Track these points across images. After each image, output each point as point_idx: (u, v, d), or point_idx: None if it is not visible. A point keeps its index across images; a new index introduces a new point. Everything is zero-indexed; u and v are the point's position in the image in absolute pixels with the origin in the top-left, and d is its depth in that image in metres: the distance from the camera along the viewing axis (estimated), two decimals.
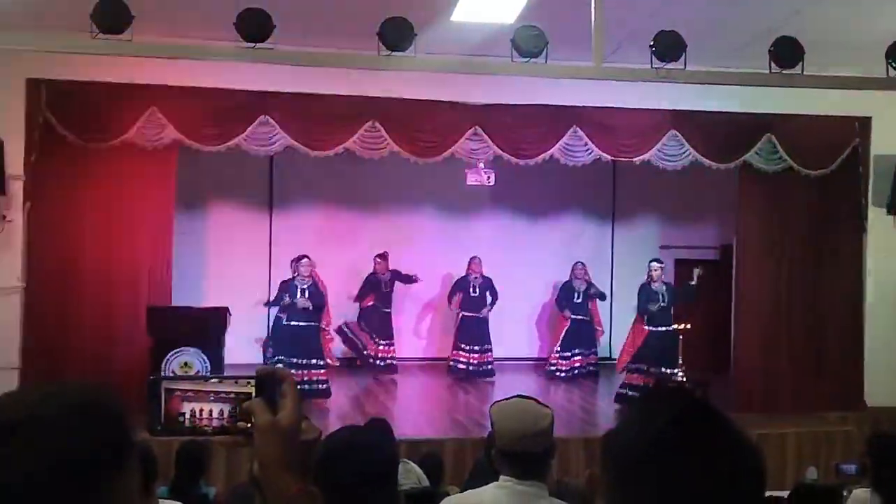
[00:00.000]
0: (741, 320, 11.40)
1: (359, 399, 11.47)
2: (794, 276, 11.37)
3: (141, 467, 1.39)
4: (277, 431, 1.50)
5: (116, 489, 1.27)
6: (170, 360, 9.59)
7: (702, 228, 14.25)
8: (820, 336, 11.42)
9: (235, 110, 10.09)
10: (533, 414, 3.15)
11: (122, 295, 10.13)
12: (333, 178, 13.09)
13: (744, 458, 1.30)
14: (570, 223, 14.53)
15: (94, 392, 1.34)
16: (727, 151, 11.02)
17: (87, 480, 1.23)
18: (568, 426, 9.79)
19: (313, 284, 11.06)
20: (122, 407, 1.35)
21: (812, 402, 11.12)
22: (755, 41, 8.32)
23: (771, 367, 11.25)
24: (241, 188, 13.37)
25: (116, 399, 1.37)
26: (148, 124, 9.90)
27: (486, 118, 10.61)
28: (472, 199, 13.78)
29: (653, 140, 10.88)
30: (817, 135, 11.05)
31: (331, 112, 10.30)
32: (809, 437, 10.04)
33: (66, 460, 1.22)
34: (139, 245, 10.24)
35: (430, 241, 13.72)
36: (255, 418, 1.51)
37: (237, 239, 13.31)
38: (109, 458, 1.28)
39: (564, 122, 10.74)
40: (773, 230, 11.35)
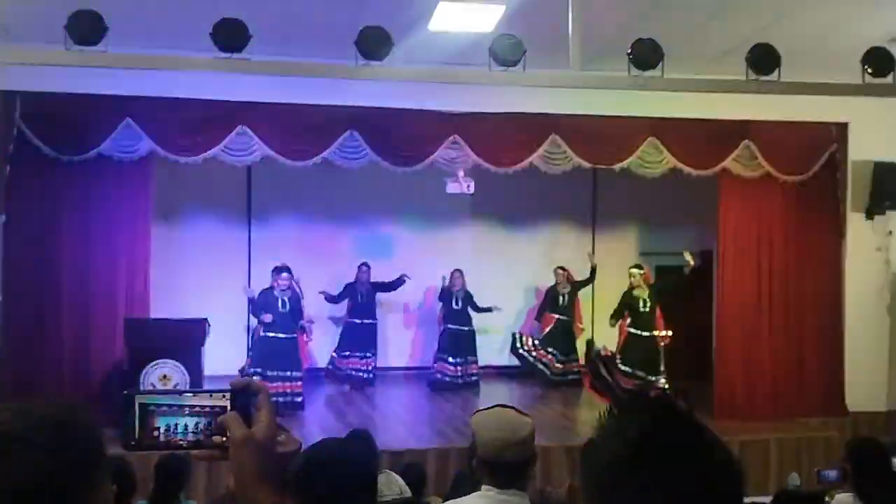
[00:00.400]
0: (722, 326, 11.45)
1: (341, 409, 11.44)
2: (774, 282, 11.44)
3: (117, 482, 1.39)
4: (252, 444, 1.50)
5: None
6: (148, 372, 9.53)
7: (682, 234, 14.24)
8: (800, 341, 11.49)
9: (212, 121, 10.07)
10: (513, 423, 3.16)
11: (100, 307, 10.07)
12: (312, 189, 13.06)
13: (722, 465, 1.31)
14: (551, 230, 14.57)
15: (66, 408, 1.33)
16: (706, 158, 11.09)
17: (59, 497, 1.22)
18: (550, 435, 9.79)
19: (294, 296, 11.07)
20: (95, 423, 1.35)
21: (793, 407, 11.19)
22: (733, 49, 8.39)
23: (752, 373, 11.31)
24: (219, 199, 13.32)
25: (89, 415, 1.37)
26: (123, 136, 9.88)
27: (465, 127, 10.63)
28: (451, 208, 13.78)
29: (632, 147, 10.93)
30: (795, 141, 11.15)
31: (309, 122, 10.29)
32: (791, 443, 10.09)
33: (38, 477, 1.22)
34: (116, 257, 10.18)
35: (410, 251, 13.70)
36: (230, 432, 1.51)
37: (215, 250, 13.25)
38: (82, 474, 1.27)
39: (543, 131, 10.77)
40: (753, 236, 11.42)
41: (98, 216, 10.09)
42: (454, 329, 12.82)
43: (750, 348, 11.35)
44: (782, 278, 11.45)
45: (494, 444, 3.11)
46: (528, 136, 10.84)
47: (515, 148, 10.88)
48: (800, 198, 11.38)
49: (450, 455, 8.87)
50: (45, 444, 1.24)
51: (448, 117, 10.55)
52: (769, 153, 11.09)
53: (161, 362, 9.59)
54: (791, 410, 11.15)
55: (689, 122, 10.77)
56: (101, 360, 9.94)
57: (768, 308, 11.42)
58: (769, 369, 11.36)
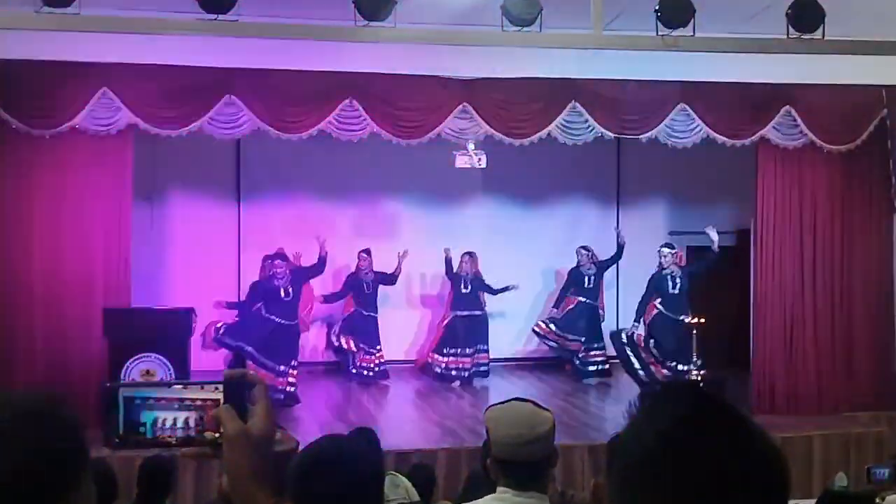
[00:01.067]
0: (761, 312, 11.43)
1: (342, 406, 11.49)
2: (818, 263, 11.41)
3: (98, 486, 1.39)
4: (248, 441, 1.50)
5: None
6: (129, 367, 9.58)
7: (716, 211, 14.23)
8: (848, 328, 11.47)
9: (196, 90, 10.06)
10: (531, 418, 3.16)
11: (76, 297, 10.09)
12: (307, 164, 13.07)
13: (763, 461, 1.28)
14: (571, 208, 14.55)
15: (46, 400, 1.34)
16: (742, 126, 11.05)
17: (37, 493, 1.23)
18: (572, 432, 9.81)
19: (293, 280, 11.14)
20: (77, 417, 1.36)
21: (840, 401, 11.19)
22: (771, 4, 8.34)
23: (794, 364, 11.30)
24: (205, 176, 13.34)
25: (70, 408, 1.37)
26: (99, 107, 9.87)
27: (475, 94, 10.61)
28: (461, 184, 13.78)
29: (660, 115, 10.90)
30: (841, 106, 11.09)
31: (303, 90, 10.28)
32: (838, 439, 10.09)
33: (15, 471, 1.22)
34: (93, 241, 10.19)
35: (416, 231, 13.72)
36: (224, 427, 1.52)
37: (202, 233, 13.29)
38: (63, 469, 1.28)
39: (562, 97, 10.74)
40: (795, 212, 11.38)
41: (73, 196, 10.09)
42: (463, 315, 12.84)
43: (791, 336, 11.33)
44: (827, 259, 11.42)
45: (510, 442, 3.11)
46: (545, 104, 10.81)
47: (531, 117, 10.85)
48: (846, 169, 11.34)
49: (461, 455, 8.90)
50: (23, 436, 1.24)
51: (456, 84, 10.53)
52: (812, 120, 11.05)
53: (144, 356, 9.64)
54: (837, 404, 11.14)
55: (724, 86, 10.72)
56: (78, 355, 9.96)
57: (811, 291, 11.40)
58: (813, 359, 11.35)
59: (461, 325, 12.85)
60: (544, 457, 3.16)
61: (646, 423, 1.34)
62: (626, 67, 10.20)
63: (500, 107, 10.78)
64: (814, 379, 11.32)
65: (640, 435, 1.32)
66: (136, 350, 9.64)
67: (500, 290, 13.03)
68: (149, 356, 9.66)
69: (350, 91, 10.35)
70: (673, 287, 11.50)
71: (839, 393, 11.25)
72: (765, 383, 11.28)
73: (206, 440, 1.56)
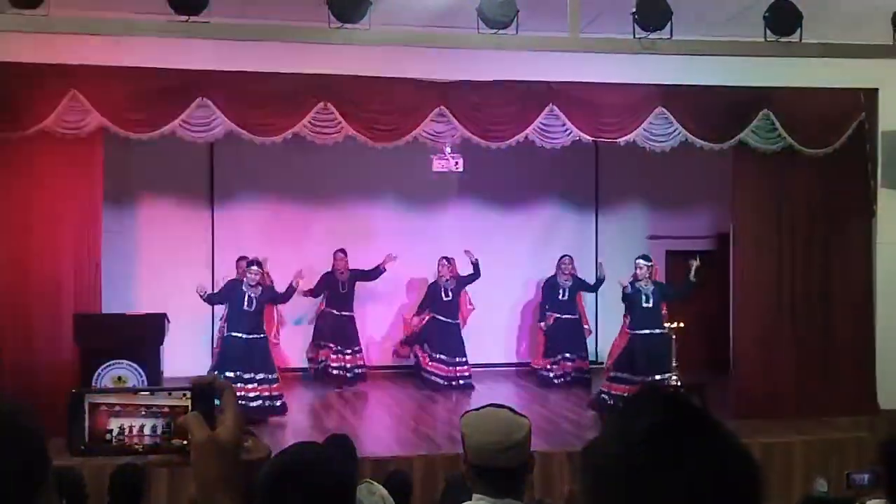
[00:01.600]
0: (740, 317, 11.49)
1: (318, 413, 11.47)
2: (797, 267, 11.47)
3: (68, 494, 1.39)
4: (216, 448, 1.50)
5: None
6: (101, 374, 9.54)
7: (694, 216, 14.35)
8: (827, 332, 11.53)
9: (168, 92, 10.02)
10: (507, 424, 3.17)
11: (46, 302, 10.02)
12: (281, 168, 13.04)
13: (737, 468, 1.29)
14: (549, 213, 14.58)
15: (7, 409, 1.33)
16: (720, 130, 11.10)
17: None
18: (551, 439, 9.83)
19: (263, 293, 11.03)
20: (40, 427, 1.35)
21: (820, 405, 11.22)
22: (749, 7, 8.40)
23: (774, 368, 11.35)
24: (178, 180, 13.28)
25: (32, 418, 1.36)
26: (69, 110, 9.81)
27: (451, 97, 10.62)
28: (438, 189, 13.79)
29: (638, 118, 10.93)
30: (819, 109, 11.16)
31: (276, 93, 10.26)
32: (818, 444, 10.14)
33: None
34: (63, 246, 10.14)
35: (392, 236, 13.71)
36: (191, 434, 1.51)
37: (174, 237, 13.23)
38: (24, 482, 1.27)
39: (539, 100, 10.76)
40: (773, 216, 11.44)
41: (42, 200, 10.02)
42: (441, 321, 12.84)
43: (771, 340, 11.39)
44: (806, 262, 11.49)
45: (487, 449, 3.12)
46: (522, 107, 10.83)
47: (508, 120, 10.87)
48: (824, 173, 11.40)
49: (438, 462, 8.90)
50: None
51: (432, 86, 10.53)
52: (790, 124, 11.11)
53: (115, 363, 9.60)
54: (817, 409, 11.19)
55: (702, 89, 10.77)
56: (48, 362, 9.89)
57: (790, 295, 11.46)
58: (793, 363, 11.40)
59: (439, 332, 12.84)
60: (521, 463, 3.16)
61: (618, 429, 1.34)
62: (604, 70, 10.24)
63: (476, 110, 10.79)
64: (793, 383, 11.37)
65: (612, 442, 1.32)
66: (107, 356, 9.61)
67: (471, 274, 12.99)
68: (120, 363, 9.62)
69: (324, 94, 10.33)
70: (645, 301, 11.39)
71: (819, 397, 11.30)
72: (744, 387, 11.33)
73: (174, 447, 1.55)
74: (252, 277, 10.99)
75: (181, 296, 11.99)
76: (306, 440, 3.43)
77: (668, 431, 1.30)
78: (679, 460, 1.27)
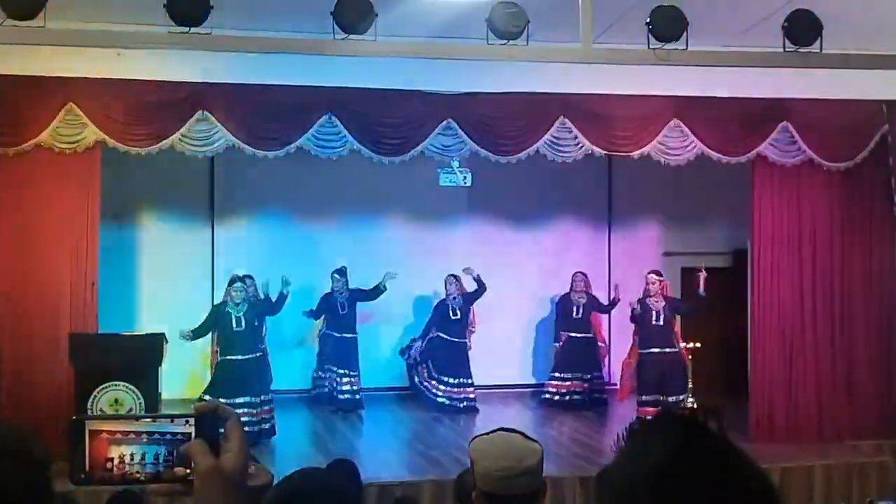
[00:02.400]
0: (758, 336, 11.45)
1: (321, 436, 11.45)
2: (818, 285, 11.44)
3: None
4: (221, 477, 1.50)
5: None
6: (97, 396, 9.53)
7: (711, 231, 14.33)
8: (849, 353, 11.49)
9: (167, 106, 10.06)
10: (518, 450, 3.16)
11: (41, 322, 10.03)
12: (284, 183, 13.06)
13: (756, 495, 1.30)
14: (561, 228, 14.58)
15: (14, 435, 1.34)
16: (738, 142, 11.11)
17: None
18: (563, 463, 9.81)
19: (250, 308, 10.99)
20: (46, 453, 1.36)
21: (842, 428, 11.20)
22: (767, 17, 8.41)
23: (794, 390, 11.31)
24: (177, 196, 13.32)
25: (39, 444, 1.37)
26: (65, 124, 9.85)
27: (460, 109, 10.64)
28: (446, 204, 13.79)
29: (653, 131, 10.94)
30: (840, 121, 11.15)
31: (279, 105, 10.29)
32: (840, 469, 10.10)
33: None
34: (59, 264, 10.15)
35: (399, 253, 13.72)
36: (195, 462, 1.51)
37: (174, 255, 13.25)
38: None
39: (550, 113, 10.78)
40: (793, 232, 11.42)
41: (38, 217, 10.04)
42: (447, 341, 12.82)
43: (791, 361, 11.35)
44: (827, 280, 11.46)
45: (497, 475, 3.11)
46: (532, 120, 10.85)
47: (518, 133, 10.88)
48: (846, 187, 11.40)
49: (447, 487, 8.87)
50: None
51: (440, 99, 10.55)
52: (810, 136, 11.11)
53: (112, 385, 9.59)
54: (839, 432, 11.16)
55: (718, 101, 10.78)
56: (43, 383, 9.90)
57: (811, 314, 11.42)
58: (813, 385, 11.36)
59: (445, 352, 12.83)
60: (533, 490, 3.16)
61: (636, 455, 1.35)
62: (617, 82, 10.25)
63: (485, 123, 10.81)
64: (814, 406, 11.33)
65: (629, 467, 1.33)
66: (103, 378, 9.59)
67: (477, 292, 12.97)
68: (117, 385, 9.61)
69: (329, 106, 10.37)
70: (656, 319, 11.40)
71: (841, 420, 11.27)
72: (763, 410, 11.29)
73: (177, 476, 1.55)
74: (236, 296, 10.87)
75: (180, 315, 11.99)
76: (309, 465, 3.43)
77: (685, 457, 1.31)
78: (697, 486, 1.28)
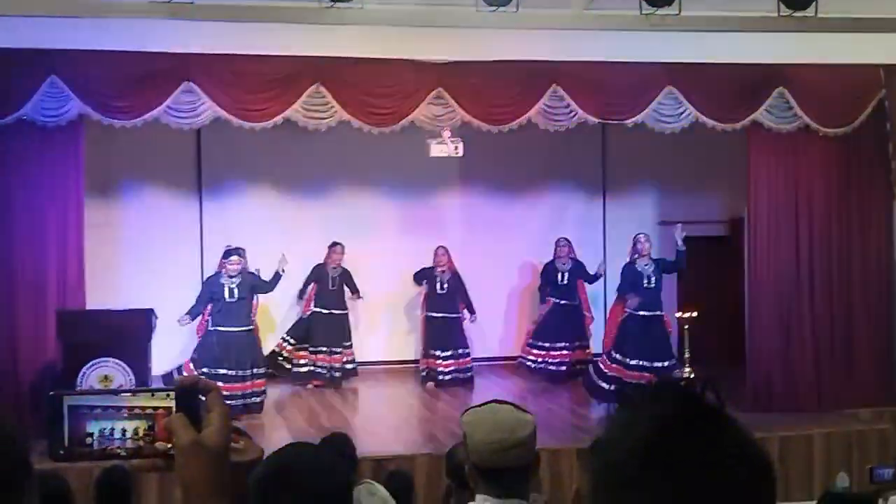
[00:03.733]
0: (756, 305, 11.48)
1: (314, 411, 11.46)
2: (815, 252, 11.46)
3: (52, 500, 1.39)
4: (202, 451, 1.49)
5: None
6: (86, 373, 9.53)
7: (707, 200, 14.32)
8: (848, 321, 11.53)
9: (152, 77, 10.02)
10: (511, 422, 3.16)
11: (26, 298, 10.04)
12: (272, 155, 13.02)
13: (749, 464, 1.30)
14: (554, 198, 14.56)
15: None
16: (733, 109, 11.09)
17: None
18: (559, 435, 9.84)
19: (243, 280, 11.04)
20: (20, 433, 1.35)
21: (841, 397, 11.25)
22: None
23: (791, 359, 11.35)
24: (164, 169, 13.26)
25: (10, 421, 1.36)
26: (48, 96, 9.82)
27: (450, 78, 10.61)
28: (437, 174, 13.75)
29: (646, 98, 10.92)
30: (837, 87, 11.15)
31: (266, 75, 10.27)
32: (839, 438, 10.16)
33: None
34: (45, 239, 10.14)
35: (390, 225, 13.71)
36: (176, 436, 1.51)
37: (161, 229, 13.21)
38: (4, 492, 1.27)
39: (542, 81, 10.75)
40: (790, 199, 11.42)
41: (21, 191, 10.04)
42: (439, 317, 12.81)
43: (788, 330, 11.38)
44: (824, 248, 11.48)
45: (489, 448, 3.12)
46: (524, 88, 10.82)
47: (510, 102, 10.86)
48: (843, 153, 11.40)
49: (441, 461, 8.90)
50: None
51: (430, 68, 10.52)
52: (806, 102, 11.10)
53: (101, 361, 9.59)
54: (838, 401, 11.21)
55: (713, 67, 10.74)
56: (30, 360, 9.92)
57: (808, 282, 11.45)
58: (811, 353, 11.40)
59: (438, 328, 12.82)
60: (526, 462, 3.16)
61: (628, 424, 1.34)
62: (610, 49, 10.22)
63: (476, 92, 10.78)
64: (812, 374, 11.37)
65: (621, 437, 1.33)
66: (92, 354, 9.58)
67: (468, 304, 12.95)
68: (106, 361, 9.61)
69: (317, 76, 10.32)
70: (649, 282, 11.37)
71: (840, 389, 11.31)
72: (761, 380, 11.33)
73: (158, 451, 1.54)
74: (232, 268, 10.96)
75: (169, 290, 11.99)
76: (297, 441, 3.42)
77: (679, 426, 1.31)
78: (691, 456, 1.28)
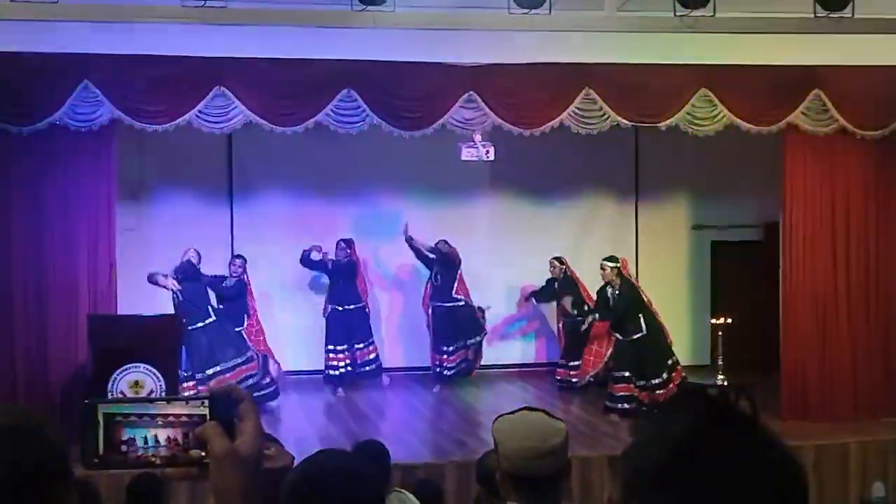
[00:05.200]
0: (791, 311, 11.41)
1: (342, 417, 11.47)
2: (852, 257, 11.38)
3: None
4: (236, 459, 1.51)
5: None
6: (117, 378, 9.59)
7: (741, 204, 14.24)
8: (885, 327, 11.45)
9: (184, 81, 10.06)
10: (543, 429, 3.17)
11: (58, 302, 10.12)
12: (303, 159, 13.07)
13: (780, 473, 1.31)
14: (586, 203, 14.53)
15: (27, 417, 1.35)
16: (768, 112, 11.02)
17: None
18: (590, 443, 9.81)
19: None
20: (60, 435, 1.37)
21: (878, 405, 11.16)
22: None
23: (827, 366, 11.27)
24: (195, 174, 13.35)
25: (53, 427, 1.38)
26: (80, 101, 9.88)
27: (481, 82, 10.59)
28: (469, 179, 13.76)
29: (680, 101, 10.87)
30: (873, 88, 11.05)
31: (297, 80, 10.28)
32: (875, 446, 10.07)
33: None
34: (76, 244, 10.22)
35: (420, 228, 13.71)
36: (210, 445, 1.52)
37: (192, 233, 13.25)
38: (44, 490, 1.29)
39: (574, 84, 10.72)
40: (826, 203, 11.35)
41: (54, 196, 10.12)
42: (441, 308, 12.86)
43: (824, 336, 11.30)
44: (861, 252, 11.40)
45: (521, 455, 3.12)
46: (556, 91, 10.80)
47: (542, 105, 10.84)
48: (881, 156, 11.32)
49: (471, 468, 8.88)
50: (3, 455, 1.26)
51: (461, 71, 10.51)
52: (843, 104, 11.02)
53: (132, 366, 9.63)
54: (875, 408, 11.12)
55: (748, 69, 10.70)
56: (62, 365, 10.00)
57: (845, 288, 11.37)
58: (848, 360, 11.32)
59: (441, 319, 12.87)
60: (557, 470, 3.16)
61: (658, 432, 1.35)
62: (643, 51, 10.19)
63: (508, 95, 10.77)
64: (849, 382, 11.28)
65: (652, 445, 1.34)
66: (123, 359, 9.62)
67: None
68: (137, 366, 9.65)
69: (348, 80, 10.33)
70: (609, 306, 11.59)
71: (877, 396, 11.22)
72: (796, 387, 11.25)
73: (192, 459, 1.56)
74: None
75: None
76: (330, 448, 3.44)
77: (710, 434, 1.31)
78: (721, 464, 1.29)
